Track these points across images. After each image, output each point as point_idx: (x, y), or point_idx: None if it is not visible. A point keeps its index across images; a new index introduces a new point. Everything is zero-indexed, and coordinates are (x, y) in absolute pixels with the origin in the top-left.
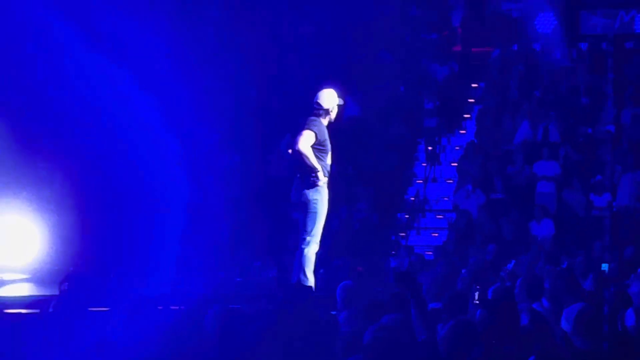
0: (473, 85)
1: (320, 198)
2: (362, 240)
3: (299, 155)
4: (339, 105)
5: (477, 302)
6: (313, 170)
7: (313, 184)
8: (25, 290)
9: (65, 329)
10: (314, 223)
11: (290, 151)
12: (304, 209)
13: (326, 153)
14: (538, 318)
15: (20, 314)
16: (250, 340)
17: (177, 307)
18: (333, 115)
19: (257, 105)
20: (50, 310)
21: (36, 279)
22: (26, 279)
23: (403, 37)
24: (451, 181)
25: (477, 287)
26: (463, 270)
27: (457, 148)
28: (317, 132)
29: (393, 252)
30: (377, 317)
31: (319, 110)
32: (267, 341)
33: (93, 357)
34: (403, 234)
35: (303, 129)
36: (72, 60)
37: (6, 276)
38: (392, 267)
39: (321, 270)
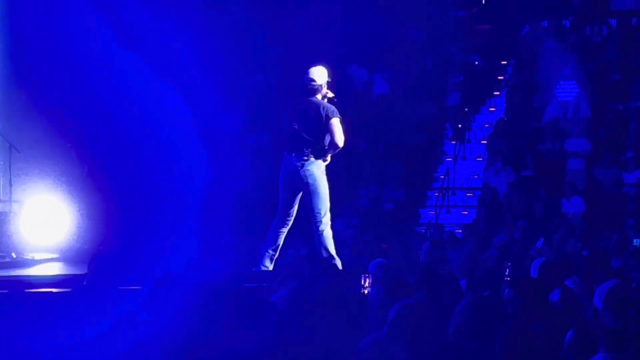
0: (502, 62)
1: (324, 177)
2: (391, 219)
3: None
4: (328, 82)
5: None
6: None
7: (317, 165)
8: (55, 269)
9: (96, 306)
10: (324, 202)
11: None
12: (313, 190)
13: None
14: (569, 296)
15: (50, 292)
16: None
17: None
18: (324, 91)
19: (285, 84)
20: (85, 283)
21: (66, 258)
22: (56, 258)
23: (431, 14)
24: (481, 159)
25: (508, 264)
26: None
27: (486, 125)
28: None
29: (423, 230)
30: (404, 295)
31: (314, 87)
32: (297, 319)
33: (126, 335)
34: (433, 212)
35: (329, 117)
36: (102, 57)
37: (37, 255)
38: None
39: (347, 250)
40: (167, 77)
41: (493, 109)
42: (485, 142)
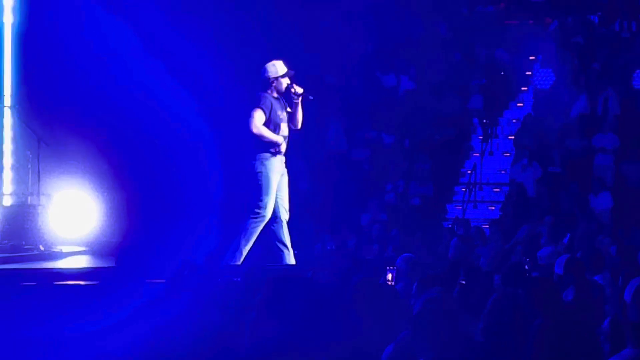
0: (530, 57)
1: (265, 171)
2: (419, 214)
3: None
4: (287, 75)
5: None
6: (275, 144)
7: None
8: (83, 262)
9: (123, 298)
10: (260, 195)
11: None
12: (253, 182)
13: (278, 127)
14: (585, 293)
15: (78, 285)
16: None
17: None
18: (281, 86)
19: (314, 79)
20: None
21: (93, 251)
22: (84, 251)
23: (460, 9)
24: (508, 154)
25: (527, 260)
26: (519, 244)
27: (514, 121)
28: (264, 108)
29: (450, 225)
30: (430, 289)
31: (264, 82)
32: (330, 312)
33: (154, 326)
34: (460, 207)
35: (253, 108)
36: (126, 59)
37: (65, 248)
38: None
39: (375, 245)
40: (193, 74)
41: (521, 105)
42: (512, 137)
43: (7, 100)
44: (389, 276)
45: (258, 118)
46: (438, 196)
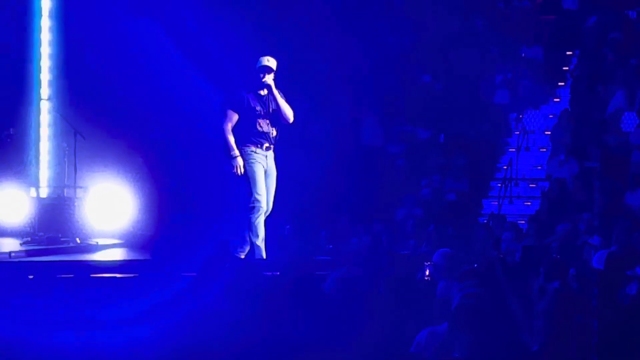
0: (567, 52)
1: (248, 164)
2: (454, 209)
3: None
4: (265, 67)
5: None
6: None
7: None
8: (118, 254)
9: (158, 290)
10: (249, 188)
11: None
12: (240, 177)
13: (255, 122)
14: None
15: (114, 277)
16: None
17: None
18: (259, 79)
19: (348, 73)
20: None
21: (128, 244)
22: (119, 244)
23: (496, 3)
24: (544, 150)
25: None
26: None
27: (550, 116)
28: (232, 107)
29: (486, 221)
30: (468, 284)
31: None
32: (366, 306)
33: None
34: (495, 203)
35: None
36: (161, 56)
37: (101, 241)
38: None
39: (411, 242)
40: (222, 71)
41: (557, 100)
42: (549, 133)
43: (45, 93)
44: (427, 272)
45: (228, 117)
46: (474, 191)
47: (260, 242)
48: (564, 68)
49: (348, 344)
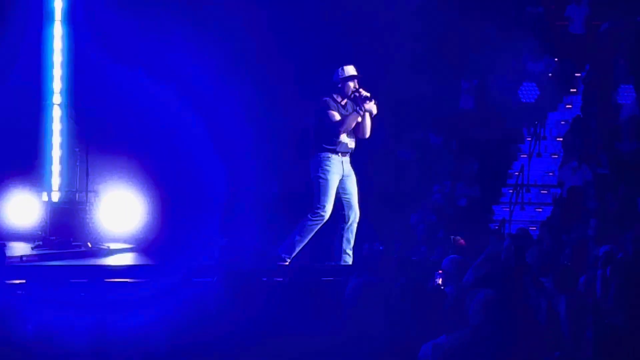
0: (580, 59)
1: (323, 172)
2: (465, 215)
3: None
4: (354, 79)
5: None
6: (337, 144)
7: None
8: (130, 259)
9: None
10: (319, 196)
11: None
12: (313, 182)
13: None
14: None
15: (125, 282)
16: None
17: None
18: (347, 89)
19: (359, 78)
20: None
21: (140, 248)
22: (130, 248)
23: (509, 9)
24: (556, 156)
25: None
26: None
27: (562, 123)
28: (332, 108)
29: (496, 227)
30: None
31: (332, 86)
32: (376, 311)
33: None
34: (507, 209)
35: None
36: (172, 62)
37: (112, 245)
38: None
39: (423, 248)
40: (224, 76)
41: (570, 106)
42: (561, 139)
43: (57, 98)
44: (439, 280)
45: (335, 115)
46: (485, 197)
47: (298, 243)
48: (577, 74)
49: (363, 350)
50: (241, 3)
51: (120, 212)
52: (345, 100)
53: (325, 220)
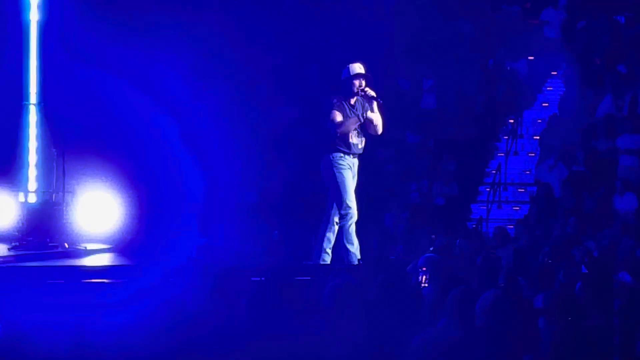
0: (555, 57)
1: (338, 170)
2: (442, 214)
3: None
4: (360, 77)
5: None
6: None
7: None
8: (107, 260)
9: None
10: (341, 195)
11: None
12: (331, 185)
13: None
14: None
15: (103, 283)
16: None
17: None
18: (354, 87)
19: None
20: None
21: (117, 249)
22: (108, 249)
23: (484, 7)
24: (533, 154)
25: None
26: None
27: (539, 121)
28: (337, 109)
29: (474, 226)
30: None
31: (341, 85)
32: (355, 310)
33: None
34: (484, 207)
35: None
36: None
37: (89, 246)
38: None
39: (400, 247)
40: (209, 73)
41: (546, 105)
42: (537, 137)
43: (33, 98)
44: (422, 278)
45: (337, 116)
46: (462, 196)
47: (355, 249)
48: (553, 72)
49: (341, 350)
50: (216, 2)
51: (98, 212)
52: (355, 99)
53: (355, 218)
